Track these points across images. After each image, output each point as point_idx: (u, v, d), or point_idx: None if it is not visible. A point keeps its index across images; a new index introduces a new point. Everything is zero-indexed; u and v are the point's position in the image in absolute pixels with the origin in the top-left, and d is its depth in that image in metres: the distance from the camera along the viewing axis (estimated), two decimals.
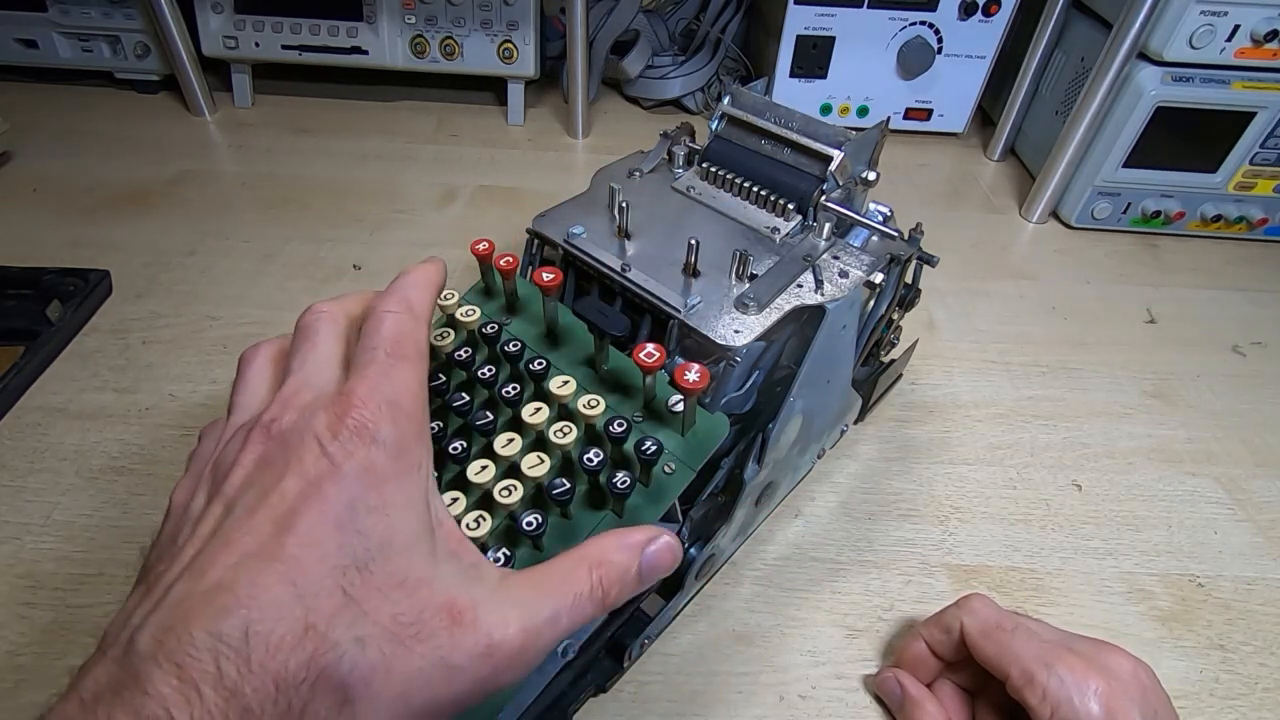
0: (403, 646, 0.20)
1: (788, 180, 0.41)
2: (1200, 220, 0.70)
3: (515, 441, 0.31)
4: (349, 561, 0.21)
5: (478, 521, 0.29)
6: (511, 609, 0.22)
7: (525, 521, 0.29)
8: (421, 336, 0.26)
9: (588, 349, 0.36)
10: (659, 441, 0.31)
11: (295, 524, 0.21)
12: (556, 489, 0.29)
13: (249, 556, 0.20)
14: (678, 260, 0.38)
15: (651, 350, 0.30)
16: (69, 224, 0.63)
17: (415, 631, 0.21)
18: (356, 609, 0.20)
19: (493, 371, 0.34)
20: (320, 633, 0.19)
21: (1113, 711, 0.28)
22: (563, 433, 0.31)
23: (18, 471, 0.44)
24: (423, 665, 0.21)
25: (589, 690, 0.35)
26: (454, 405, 0.34)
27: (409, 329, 0.26)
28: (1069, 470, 0.49)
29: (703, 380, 0.29)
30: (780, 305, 0.36)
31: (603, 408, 0.32)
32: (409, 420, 0.24)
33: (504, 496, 0.29)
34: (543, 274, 0.33)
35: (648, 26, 0.86)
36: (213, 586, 0.20)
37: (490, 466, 0.30)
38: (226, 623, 0.19)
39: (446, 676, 0.21)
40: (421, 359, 0.26)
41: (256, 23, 0.77)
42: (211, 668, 0.18)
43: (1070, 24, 0.73)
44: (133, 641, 0.19)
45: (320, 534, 0.21)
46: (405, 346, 0.25)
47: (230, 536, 0.21)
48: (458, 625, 0.21)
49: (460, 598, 0.22)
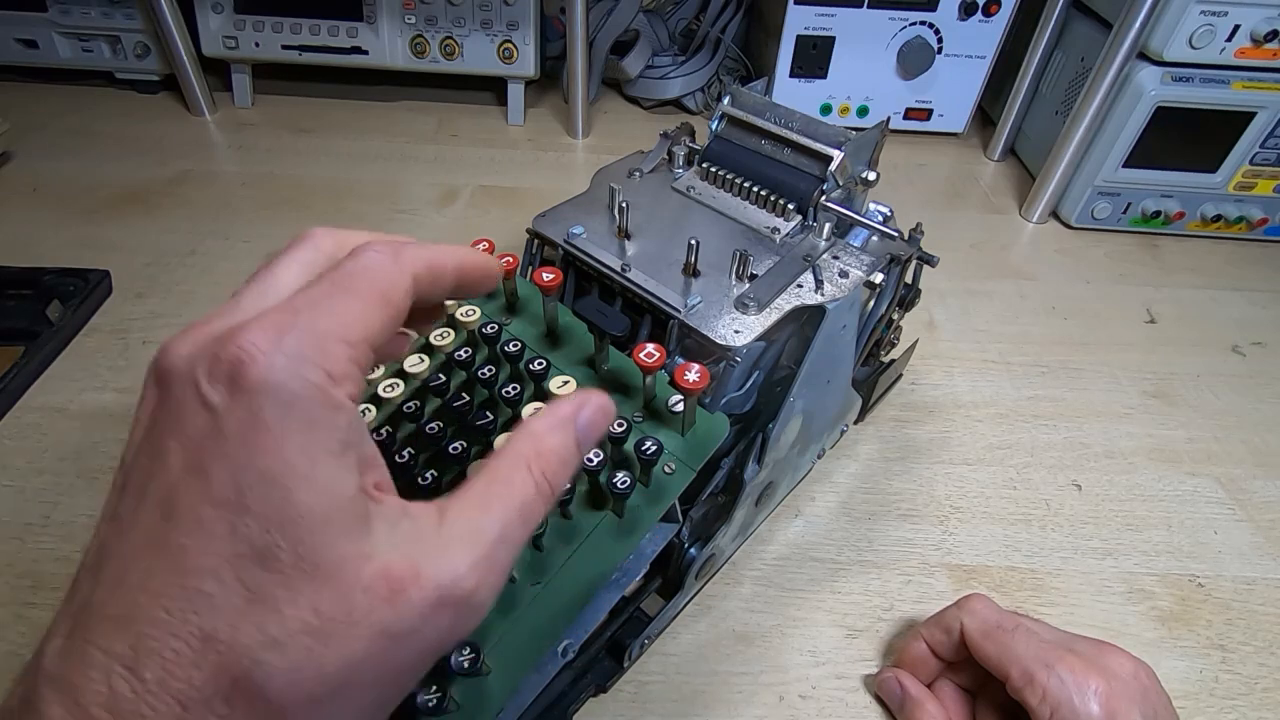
0: (331, 638, 0.17)
1: (788, 180, 0.41)
2: (1200, 220, 0.70)
3: None
4: (244, 550, 0.17)
5: None
6: (457, 547, 0.19)
7: None
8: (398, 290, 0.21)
9: (588, 349, 0.36)
10: (659, 441, 0.31)
11: (177, 506, 0.17)
12: None
13: (138, 552, 0.18)
14: (678, 260, 0.38)
15: (652, 350, 0.30)
16: (69, 224, 0.63)
17: (346, 618, 0.17)
18: (264, 607, 0.17)
19: (493, 371, 0.34)
20: (223, 641, 0.17)
21: (1113, 712, 0.28)
22: None
23: (18, 471, 0.44)
24: (364, 646, 0.18)
25: (589, 690, 0.35)
26: (454, 405, 0.34)
27: (387, 271, 0.21)
28: (1069, 470, 0.49)
29: (703, 380, 0.29)
30: (780, 305, 0.36)
31: None
32: (320, 353, 0.18)
33: None
34: (543, 274, 0.33)
35: (648, 26, 0.86)
36: (106, 593, 0.17)
37: None
38: (118, 638, 0.17)
39: (397, 644, 0.18)
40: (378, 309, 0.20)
41: (256, 23, 0.77)
42: (104, 688, 0.16)
43: (1070, 24, 0.73)
44: (40, 656, 0.17)
45: (205, 516, 0.17)
46: (359, 281, 0.20)
47: (123, 526, 0.18)
48: (399, 595, 0.18)
49: (396, 564, 0.18)
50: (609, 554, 0.30)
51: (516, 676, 0.28)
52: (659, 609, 0.36)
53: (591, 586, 0.30)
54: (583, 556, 0.30)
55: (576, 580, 0.30)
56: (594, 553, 0.30)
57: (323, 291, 0.20)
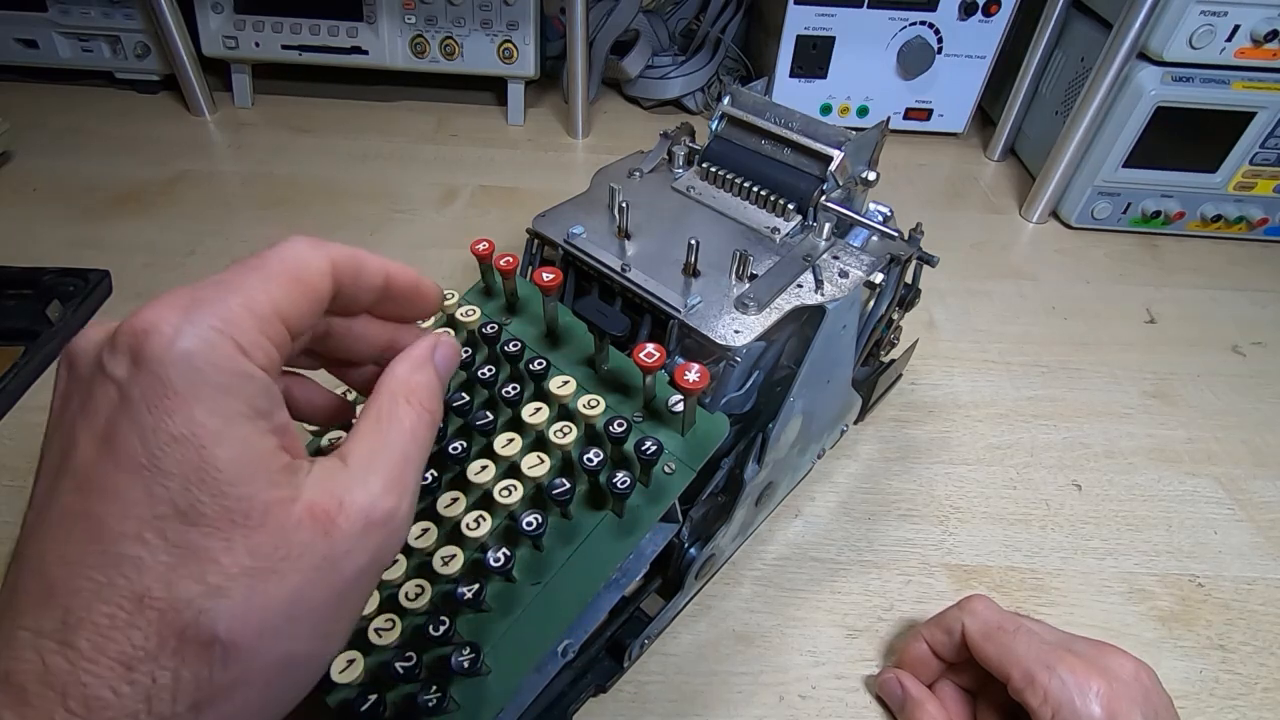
0: (273, 574, 0.18)
1: (788, 180, 0.41)
2: (1200, 220, 0.70)
3: (515, 441, 0.31)
4: (165, 511, 0.18)
5: (478, 521, 0.29)
6: (369, 475, 0.20)
7: (525, 521, 0.29)
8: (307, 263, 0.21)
9: (587, 349, 0.36)
10: (659, 441, 0.31)
11: (91, 478, 0.18)
12: (556, 489, 0.30)
13: (55, 531, 0.18)
14: (678, 260, 0.38)
15: (652, 350, 0.30)
16: (69, 224, 0.63)
17: (284, 555, 0.18)
18: (198, 560, 0.18)
19: (493, 371, 0.34)
20: (159, 598, 0.17)
21: (1114, 713, 0.28)
22: (562, 433, 0.31)
23: (18, 472, 0.44)
24: (305, 574, 0.19)
25: (589, 690, 0.35)
26: (454, 405, 0.34)
27: (308, 265, 0.21)
28: (1069, 470, 0.49)
29: (703, 380, 0.29)
30: (780, 305, 0.36)
31: (603, 408, 0.32)
32: (227, 323, 0.19)
33: (504, 496, 0.30)
34: (543, 274, 0.33)
35: (648, 26, 0.86)
36: (29, 576, 0.18)
37: (490, 466, 0.30)
38: (45, 616, 0.17)
39: (335, 569, 0.19)
40: (285, 280, 0.21)
41: (256, 23, 0.77)
42: (37, 665, 0.17)
43: (1070, 24, 0.73)
44: None
45: (119, 483, 0.18)
46: (270, 262, 0.21)
47: (40, 506, 0.19)
48: (331, 525, 0.19)
49: (320, 499, 0.19)
50: (609, 554, 0.30)
51: (517, 676, 0.28)
52: (659, 609, 0.36)
53: (591, 586, 0.30)
54: (583, 556, 0.30)
55: (576, 580, 0.30)
56: (594, 553, 0.30)
57: (232, 273, 0.20)
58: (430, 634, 0.27)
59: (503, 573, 0.29)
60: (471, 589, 0.28)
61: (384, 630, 0.28)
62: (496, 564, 0.29)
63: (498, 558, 0.29)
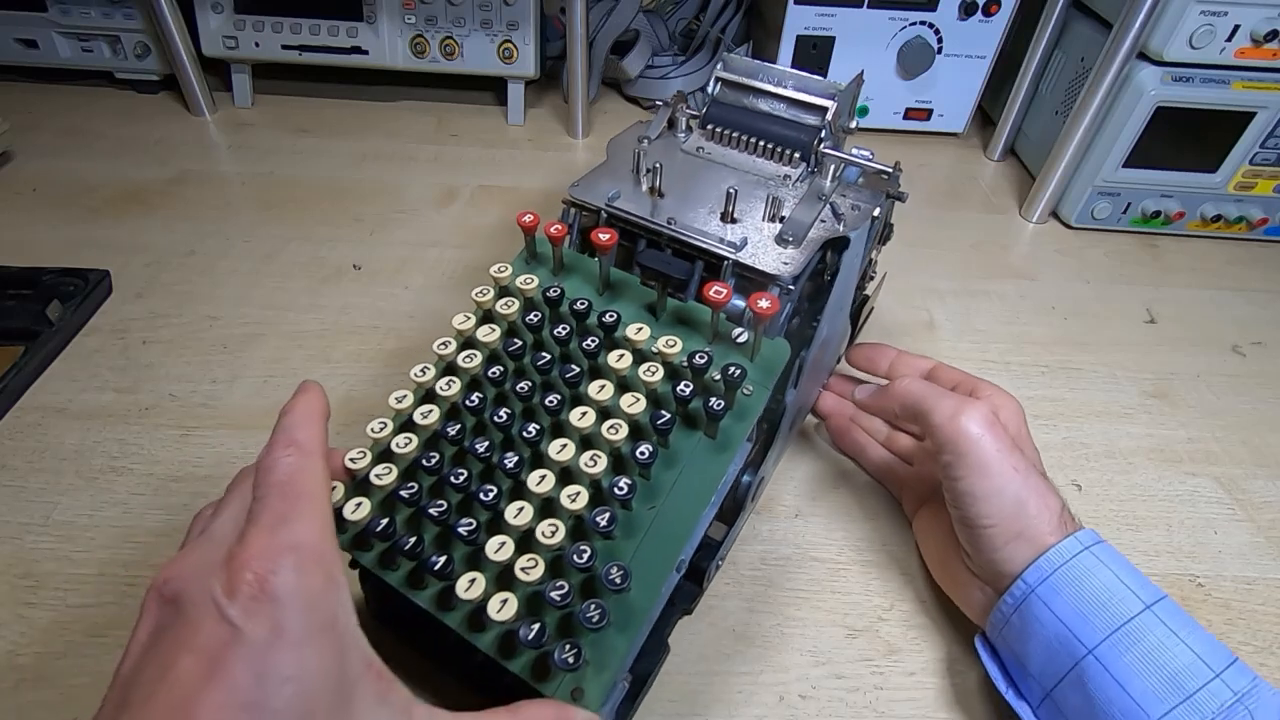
0: None
1: (789, 133, 0.44)
2: (1200, 220, 0.70)
3: (607, 387, 0.33)
4: None
5: (593, 460, 0.31)
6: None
7: (638, 451, 0.31)
8: (317, 471, 0.25)
9: (642, 299, 0.38)
10: (742, 366, 0.33)
11: (196, 714, 0.19)
12: (659, 419, 0.32)
13: None
14: (714, 210, 0.41)
15: (720, 288, 0.33)
16: (69, 224, 0.63)
17: None
18: None
19: (567, 330, 0.36)
20: None
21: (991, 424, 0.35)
22: (650, 372, 0.33)
23: (18, 471, 0.44)
24: None
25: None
26: (538, 365, 0.35)
27: (299, 467, 0.24)
28: (1069, 470, 0.49)
29: (774, 306, 0.32)
30: (814, 239, 0.39)
31: (680, 345, 0.34)
32: (316, 565, 0.22)
33: (612, 434, 0.32)
34: (599, 235, 0.36)
35: (648, 26, 0.86)
36: None
37: (590, 412, 0.33)
38: None
39: None
40: (320, 496, 0.24)
41: (256, 23, 0.77)
42: None
43: (1070, 24, 0.73)
44: None
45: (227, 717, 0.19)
46: (299, 485, 0.24)
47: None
48: None
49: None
50: (711, 473, 0.33)
51: (654, 589, 0.30)
52: (723, 534, 0.39)
53: (700, 504, 0.32)
54: (686, 479, 0.33)
55: (685, 500, 0.32)
56: (696, 473, 0.33)
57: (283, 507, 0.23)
58: (575, 562, 0.29)
59: (625, 500, 0.31)
60: (604, 514, 0.30)
61: (528, 568, 0.29)
62: (620, 492, 0.31)
63: (620, 487, 0.30)
